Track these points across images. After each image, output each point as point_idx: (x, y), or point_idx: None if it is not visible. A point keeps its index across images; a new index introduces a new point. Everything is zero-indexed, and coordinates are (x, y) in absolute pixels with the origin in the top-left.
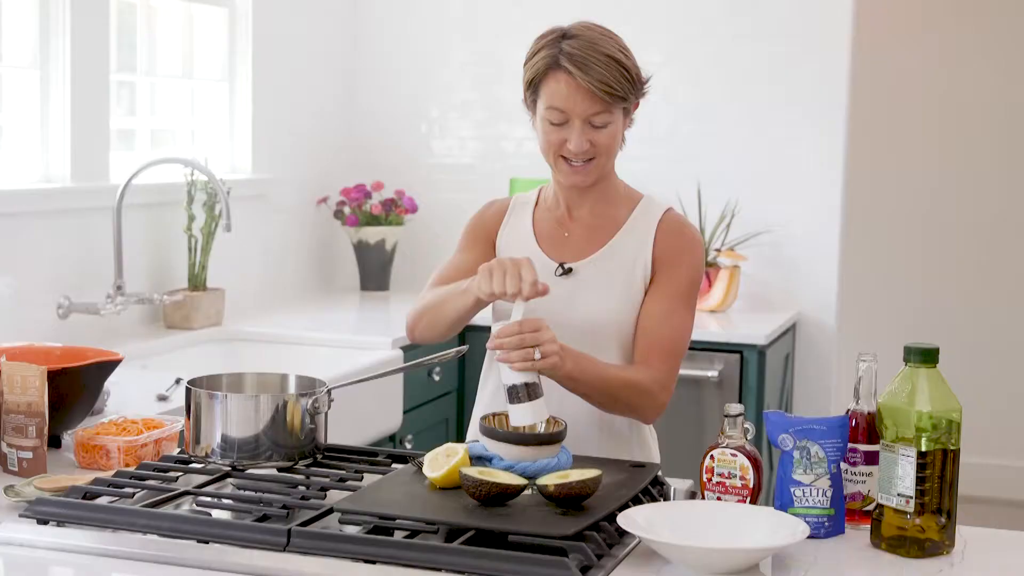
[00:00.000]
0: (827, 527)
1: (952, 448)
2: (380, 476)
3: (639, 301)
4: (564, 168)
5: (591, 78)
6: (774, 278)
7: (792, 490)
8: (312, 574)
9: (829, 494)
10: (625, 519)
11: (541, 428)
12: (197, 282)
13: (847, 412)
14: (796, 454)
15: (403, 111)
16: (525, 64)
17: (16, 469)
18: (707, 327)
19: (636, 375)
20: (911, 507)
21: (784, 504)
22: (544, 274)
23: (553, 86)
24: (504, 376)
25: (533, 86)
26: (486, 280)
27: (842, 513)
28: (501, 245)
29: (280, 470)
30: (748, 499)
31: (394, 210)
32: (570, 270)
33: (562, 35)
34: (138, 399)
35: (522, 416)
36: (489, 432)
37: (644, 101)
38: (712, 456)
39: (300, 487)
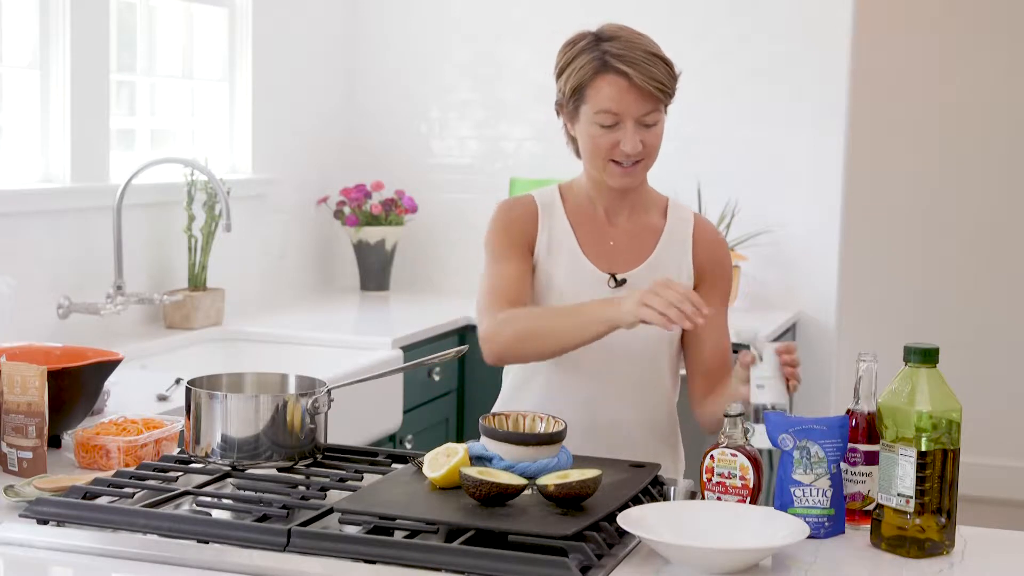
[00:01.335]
0: (827, 527)
1: (952, 448)
2: (380, 476)
3: None
4: (615, 171)
5: (646, 77)
6: (774, 278)
7: (792, 490)
8: (312, 574)
9: (829, 494)
10: (625, 519)
11: (541, 428)
12: (197, 282)
13: (847, 412)
14: (796, 454)
15: (403, 111)
16: (562, 72)
17: (16, 469)
18: None
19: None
20: (911, 507)
21: (784, 504)
22: (596, 286)
23: (604, 89)
24: (771, 395)
25: (578, 92)
26: (645, 308)
27: (842, 513)
28: (540, 252)
29: (280, 470)
30: (748, 499)
31: (394, 210)
32: (623, 281)
33: (596, 38)
34: (138, 399)
35: (762, 438)
36: (489, 432)
37: None
38: (712, 456)
39: (300, 487)
